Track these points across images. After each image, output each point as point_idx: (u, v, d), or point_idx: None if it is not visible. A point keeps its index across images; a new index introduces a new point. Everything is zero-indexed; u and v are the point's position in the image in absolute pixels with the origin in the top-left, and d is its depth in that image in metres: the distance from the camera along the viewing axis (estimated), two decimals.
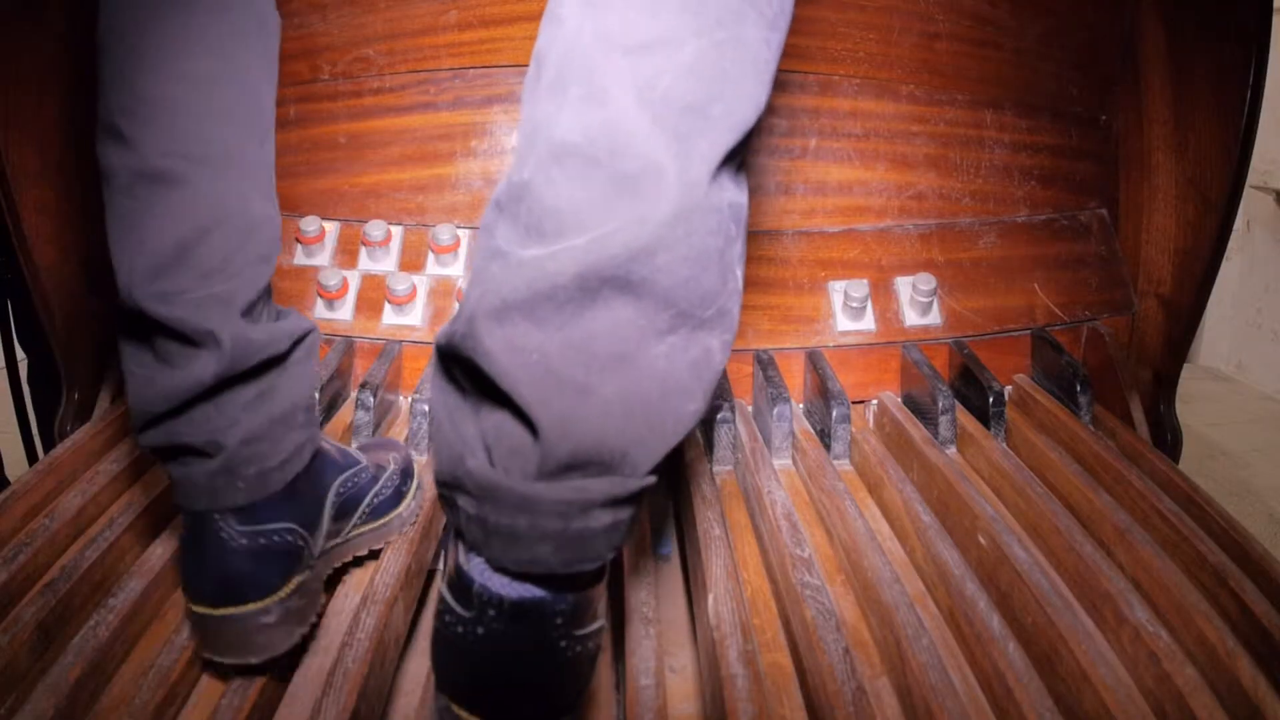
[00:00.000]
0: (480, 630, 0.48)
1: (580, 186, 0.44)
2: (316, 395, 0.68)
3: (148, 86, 0.57)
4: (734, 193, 0.48)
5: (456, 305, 1.08)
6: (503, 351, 0.45)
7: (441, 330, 0.50)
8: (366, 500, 0.74)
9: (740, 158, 0.49)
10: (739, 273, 0.49)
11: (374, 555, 0.77)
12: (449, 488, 0.49)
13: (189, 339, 0.57)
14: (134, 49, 0.58)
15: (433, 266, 1.11)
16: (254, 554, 0.61)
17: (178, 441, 0.59)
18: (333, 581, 0.77)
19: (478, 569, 0.48)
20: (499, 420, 0.47)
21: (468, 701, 0.50)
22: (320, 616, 0.69)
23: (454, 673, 0.51)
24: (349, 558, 0.75)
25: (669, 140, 0.44)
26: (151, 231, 0.57)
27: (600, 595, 0.54)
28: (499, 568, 0.48)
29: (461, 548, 0.50)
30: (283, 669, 0.66)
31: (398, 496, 0.78)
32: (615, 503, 0.47)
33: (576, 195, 0.44)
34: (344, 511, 0.71)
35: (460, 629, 0.49)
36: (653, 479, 0.49)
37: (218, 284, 0.59)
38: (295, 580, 0.63)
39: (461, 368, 0.48)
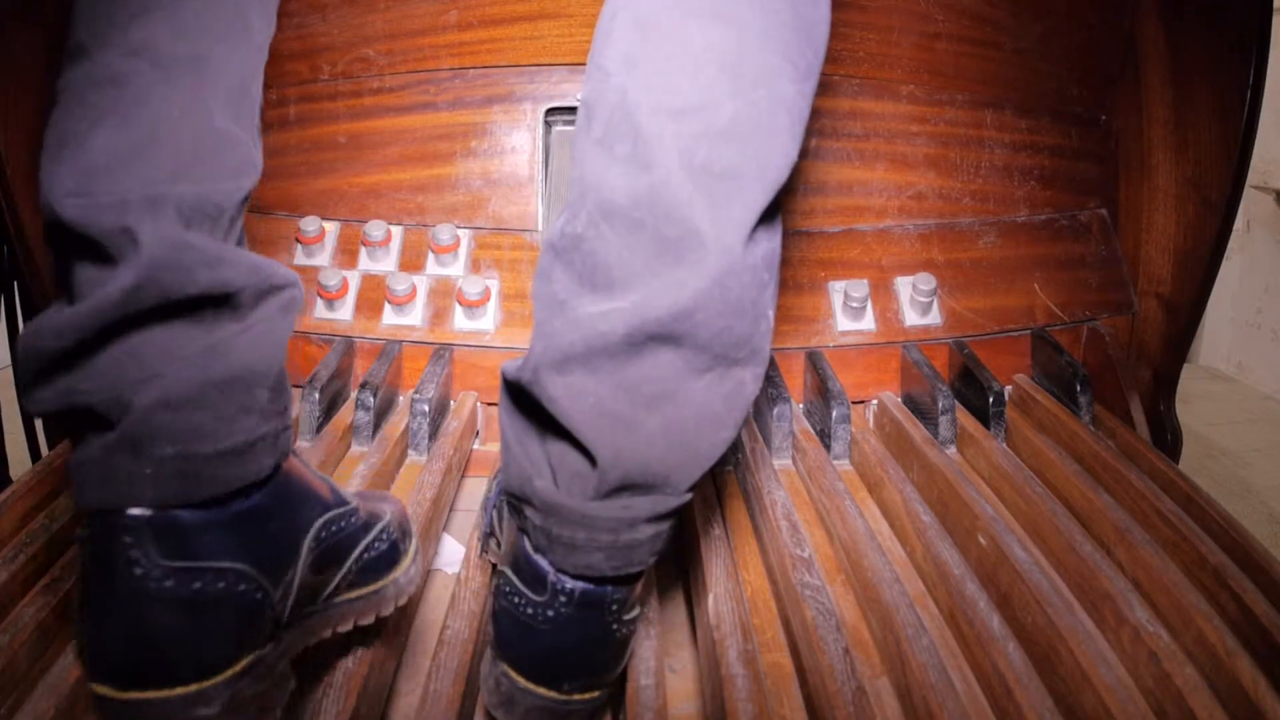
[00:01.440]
0: (550, 613, 0.56)
1: (627, 246, 0.50)
2: (287, 382, 0.50)
3: (119, 6, 0.46)
4: (767, 243, 0.52)
5: (457, 306, 1.08)
6: (564, 397, 0.52)
7: (509, 365, 0.57)
8: (355, 555, 0.55)
9: (775, 206, 0.53)
10: (771, 314, 0.54)
11: (361, 633, 0.60)
12: (518, 499, 0.57)
13: (103, 248, 0.42)
14: None
15: (433, 266, 1.11)
16: (184, 604, 0.41)
17: (73, 401, 0.41)
18: None
19: (547, 565, 0.56)
20: (561, 449, 0.54)
21: (529, 671, 0.58)
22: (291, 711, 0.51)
23: (520, 646, 0.58)
24: (327, 633, 0.55)
25: (706, 206, 0.48)
26: (89, 136, 0.44)
27: (641, 587, 0.62)
28: (559, 569, 0.56)
29: (528, 544, 0.57)
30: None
31: (394, 554, 0.59)
32: (658, 518, 0.55)
33: (624, 254, 0.50)
34: (327, 562, 0.53)
35: (531, 610, 0.56)
36: (690, 495, 0.56)
37: (159, 187, 0.43)
38: (251, 655, 0.44)
39: (529, 402, 0.55)
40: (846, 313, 1.10)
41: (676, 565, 0.89)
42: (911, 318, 1.11)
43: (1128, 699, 0.59)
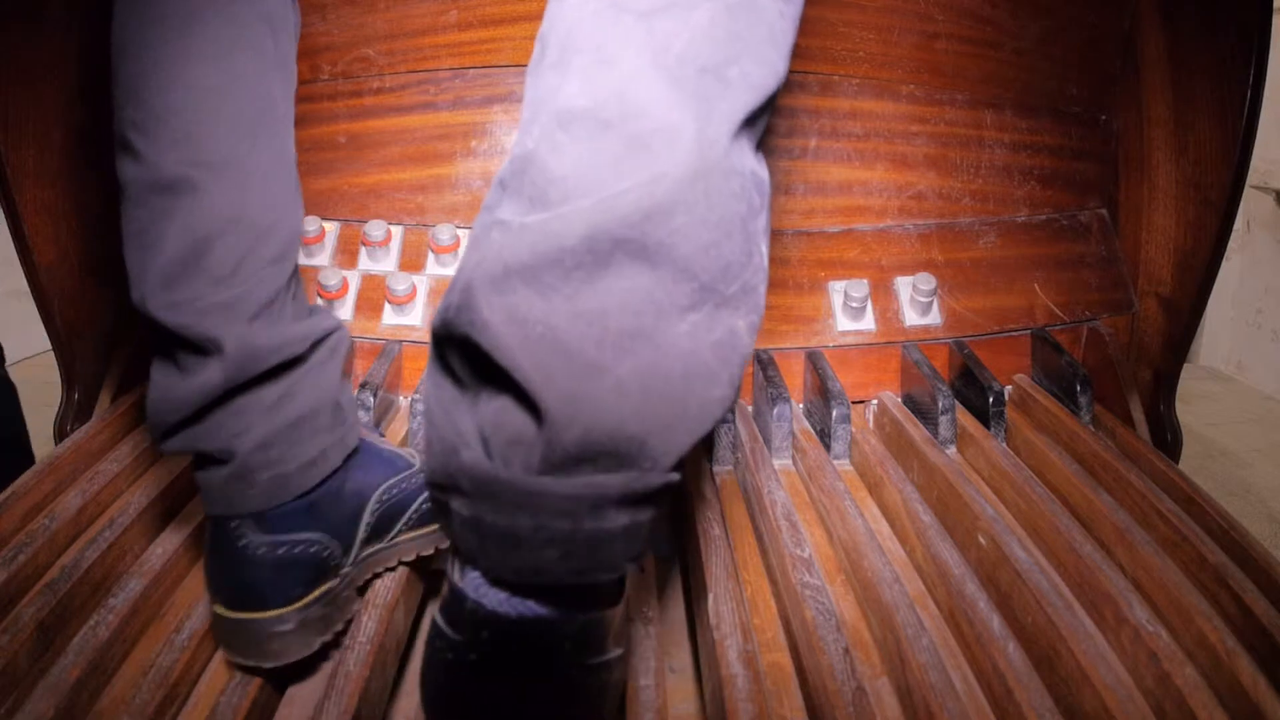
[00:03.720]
0: (473, 656, 0.42)
1: (589, 150, 0.41)
2: (346, 396, 0.64)
3: (155, 100, 0.57)
4: (755, 162, 0.45)
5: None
6: (502, 324, 0.40)
7: (437, 309, 0.45)
8: (413, 507, 0.68)
9: (761, 130, 0.46)
10: (764, 249, 0.45)
11: (425, 559, 0.73)
12: (441, 489, 0.44)
13: (197, 346, 0.57)
14: (141, 64, 0.58)
15: (433, 266, 1.11)
16: (273, 564, 0.58)
17: (195, 447, 0.58)
18: None
19: (472, 584, 0.43)
20: (498, 408, 0.42)
21: None
22: (350, 623, 0.66)
23: (441, 708, 0.45)
24: (393, 563, 0.71)
25: (686, 99, 0.41)
26: (162, 241, 0.56)
27: (616, 619, 0.47)
28: (496, 580, 0.43)
29: (456, 563, 0.45)
30: (295, 671, 0.65)
31: None
32: (634, 501, 0.42)
33: (584, 159, 0.41)
34: (387, 519, 0.67)
35: (450, 655, 0.43)
36: (676, 476, 0.43)
37: (225, 290, 0.57)
38: (319, 589, 0.61)
39: (458, 351, 0.44)
40: (846, 313, 1.10)
41: (677, 565, 0.89)
42: (911, 318, 1.11)
43: (1128, 699, 0.59)
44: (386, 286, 1.08)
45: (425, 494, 0.67)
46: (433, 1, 1.11)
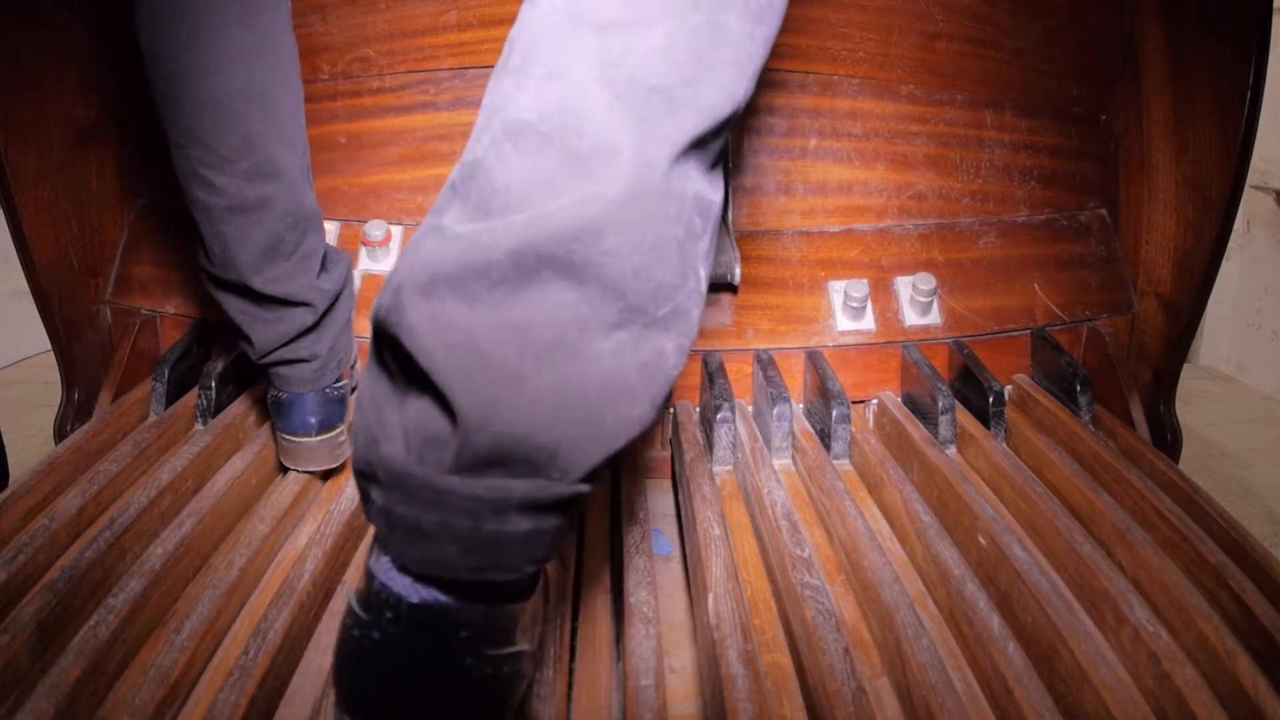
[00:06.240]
0: (376, 635, 0.44)
1: (531, 164, 0.41)
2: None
3: (218, 142, 0.76)
4: (701, 185, 0.45)
5: None
6: (427, 328, 0.42)
7: (372, 305, 0.46)
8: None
9: (714, 152, 0.46)
10: (702, 273, 0.45)
11: None
12: (363, 477, 0.46)
13: (294, 303, 0.84)
14: (196, 104, 0.75)
15: None
16: (334, 400, 0.91)
17: (291, 357, 0.86)
18: (332, 581, 0.77)
19: (383, 568, 0.45)
20: (420, 408, 0.44)
21: (361, 717, 0.46)
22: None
23: (348, 683, 0.46)
24: None
25: (628, 119, 0.41)
26: (249, 241, 0.80)
27: (524, 614, 0.49)
28: (402, 567, 0.45)
29: (375, 548, 0.46)
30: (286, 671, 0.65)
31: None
32: (537, 508, 0.43)
33: (525, 173, 0.41)
34: None
35: (357, 632, 0.45)
36: (585, 488, 0.45)
37: (298, 263, 0.83)
38: (346, 422, 0.94)
39: (389, 349, 0.45)
40: (846, 312, 1.10)
41: (677, 565, 0.89)
42: (911, 318, 1.11)
43: (1127, 699, 0.59)
44: None
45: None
46: (433, 1, 1.11)
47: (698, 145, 0.43)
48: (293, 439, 0.90)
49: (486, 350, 0.41)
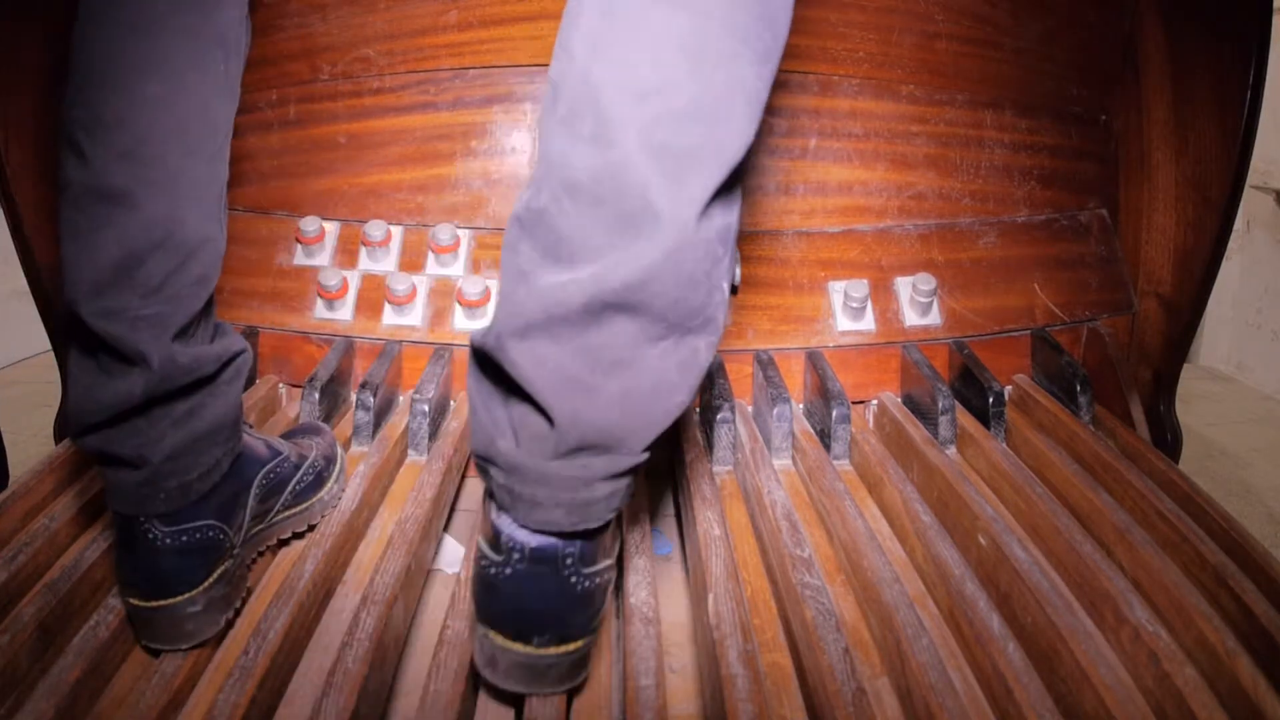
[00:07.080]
0: (509, 570, 0.59)
1: (587, 220, 0.52)
2: (241, 412, 0.72)
3: (106, 106, 0.60)
4: (721, 218, 0.54)
5: (457, 306, 1.08)
6: (527, 363, 0.55)
7: (475, 334, 0.59)
8: (289, 489, 0.79)
9: (731, 186, 0.54)
10: (725, 286, 0.56)
11: (298, 537, 0.83)
12: (484, 460, 0.60)
13: (124, 356, 0.61)
14: (97, 69, 0.61)
15: (433, 266, 1.11)
16: (178, 551, 0.66)
17: (109, 450, 0.63)
18: (332, 581, 0.77)
19: (506, 524, 0.59)
20: (522, 412, 0.57)
21: (501, 627, 0.61)
22: (244, 602, 0.74)
23: (489, 605, 0.61)
24: (273, 541, 0.81)
25: (663, 184, 0.51)
26: (97, 248, 0.60)
27: (609, 540, 0.64)
28: (522, 525, 0.59)
29: (494, 507, 0.61)
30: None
31: (319, 482, 0.83)
32: (614, 476, 0.58)
33: (584, 228, 0.52)
34: (266, 502, 0.76)
35: (493, 570, 0.60)
36: (646, 455, 0.59)
37: (154, 305, 0.62)
38: (218, 570, 0.69)
39: (492, 368, 0.58)
40: (846, 313, 1.10)
41: (677, 565, 0.89)
42: (911, 318, 1.11)
43: (1127, 699, 0.59)
44: (386, 286, 1.08)
45: (298, 476, 0.80)
46: (433, 1, 1.11)
47: (719, 192, 0.53)
48: (131, 601, 0.66)
49: (570, 372, 0.54)
